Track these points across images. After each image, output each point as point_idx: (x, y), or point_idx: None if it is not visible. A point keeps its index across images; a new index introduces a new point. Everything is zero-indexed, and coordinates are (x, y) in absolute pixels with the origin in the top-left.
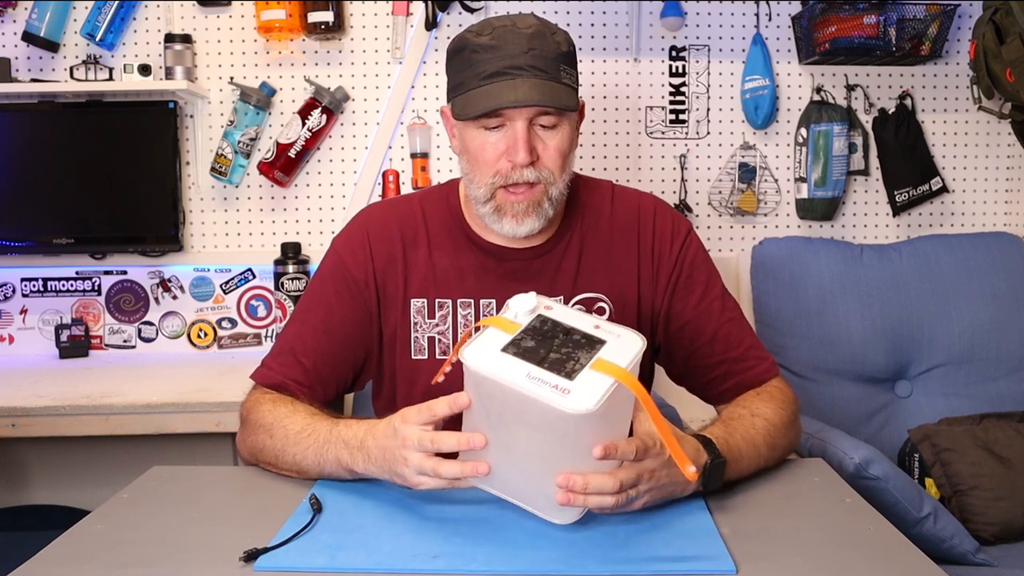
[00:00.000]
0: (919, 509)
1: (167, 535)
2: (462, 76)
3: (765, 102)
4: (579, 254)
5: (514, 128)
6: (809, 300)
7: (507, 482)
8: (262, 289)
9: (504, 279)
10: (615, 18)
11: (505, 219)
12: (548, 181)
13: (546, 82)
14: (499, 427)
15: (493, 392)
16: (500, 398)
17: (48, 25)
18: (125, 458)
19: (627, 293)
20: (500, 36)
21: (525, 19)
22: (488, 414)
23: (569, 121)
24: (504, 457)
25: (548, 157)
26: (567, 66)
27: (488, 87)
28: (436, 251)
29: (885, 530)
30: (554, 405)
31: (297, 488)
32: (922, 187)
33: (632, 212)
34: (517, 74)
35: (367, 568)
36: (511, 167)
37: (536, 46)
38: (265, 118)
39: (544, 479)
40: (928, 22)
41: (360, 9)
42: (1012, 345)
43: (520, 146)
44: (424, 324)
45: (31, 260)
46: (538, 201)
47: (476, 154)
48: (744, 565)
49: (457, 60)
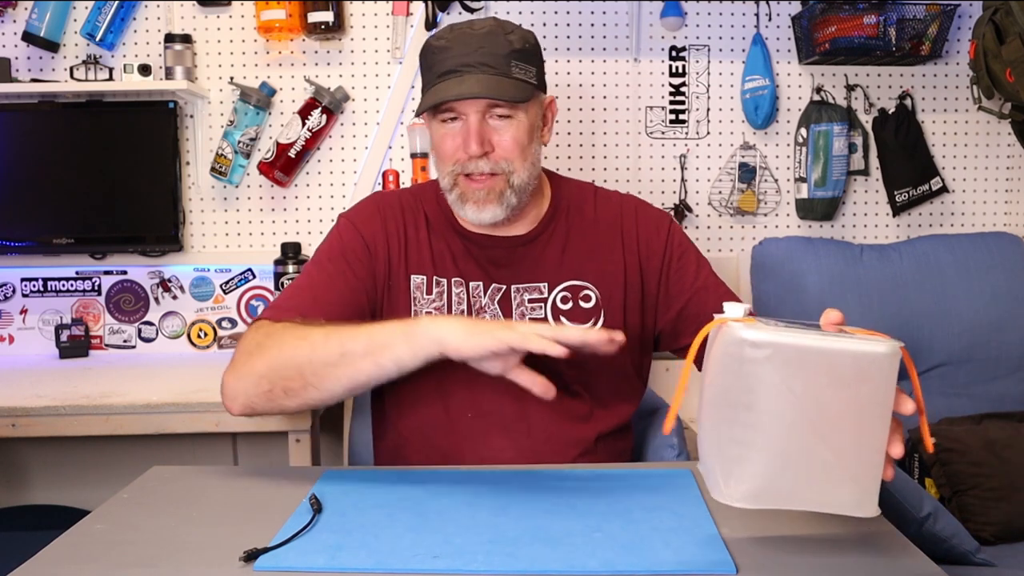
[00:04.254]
0: (919, 509)
1: (167, 535)
2: (425, 77)
3: (765, 102)
4: (563, 245)
5: (467, 122)
6: (809, 300)
7: (790, 488)
8: (262, 289)
9: (488, 264)
10: (615, 18)
11: (468, 205)
12: (507, 171)
13: (493, 77)
14: (783, 416)
15: (784, 367)
16: (798, 369)
17: (48, 25)
18: (125, 458)
19: (614, 283)
20: (455, 38)
21: (484, 21)
22: (762, 405)
23: (526, 113)
24: (792, 453)
25: (503, 148)
26: (520, 61)
27: (439, 84)
28: (433, 235)
29: (885, 530)
30: (868, 349)
31: (297, 488)
32: (922, 187)
33: (615, 210)
34: (465, 71)
35: (367, 568)
36: (467, 158)
37: (486, 44)
38: (265, 118)
39: (852, 460)
40: (928, 22)
41: (360, 9)
42: (1012, 345)
43: (471, 138)
44: (423, 299)
45: (31, 260)
46: (499, 190)
47: (437, 146)
48: (744, 565)
49: (422, 63)
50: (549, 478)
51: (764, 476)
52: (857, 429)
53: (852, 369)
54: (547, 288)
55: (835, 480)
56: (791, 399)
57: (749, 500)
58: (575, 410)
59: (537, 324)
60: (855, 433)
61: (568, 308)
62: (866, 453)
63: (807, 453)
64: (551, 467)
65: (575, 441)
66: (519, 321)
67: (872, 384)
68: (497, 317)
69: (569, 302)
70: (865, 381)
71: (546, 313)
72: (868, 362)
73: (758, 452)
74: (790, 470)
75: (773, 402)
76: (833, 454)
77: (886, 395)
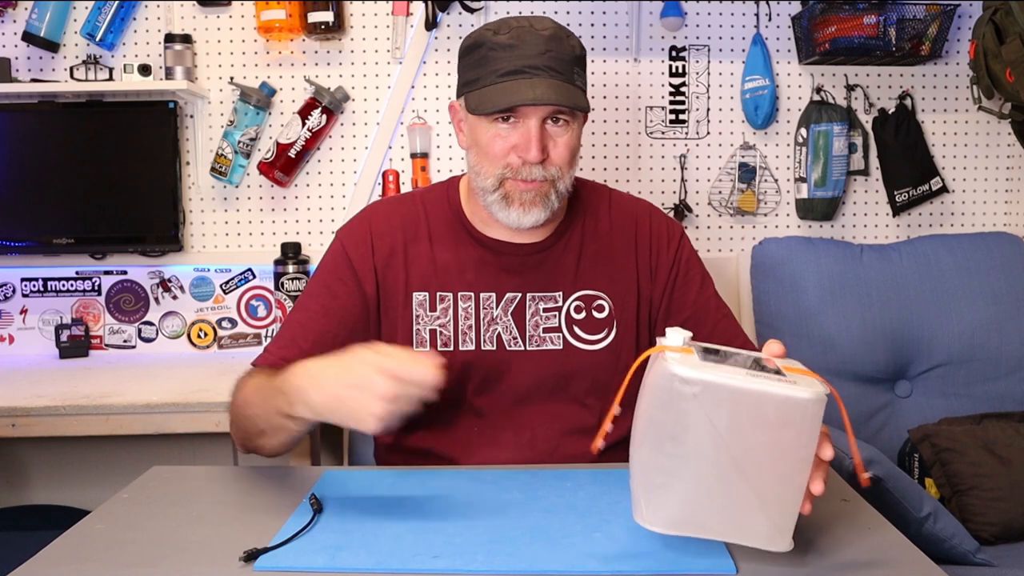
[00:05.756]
0: (919, 509)
1: (167, 535)
2: (478, 72)
3: (765, 102)
4: (579, 253)
5: (527, 125)
6: (809, 300)
7: (707, 518)
8: (262, 289)
9: (502, 272)
10: (615, 18)
11: (512, 207)
12: (556, 177)
13: (563, 84)
14: (707, 451)
15: (711, 405)
16: (724, 408)
17: (48, 25)
18: (125, 458)
19: (627, 293)
20: (519, 36)
21: (542, 21)
22: (689, 438)
23: (578, 122)
24: (712, 485)
25: (558, 155)
26: (580, 69)
27: (505, 84)
28: (437, 246)
29: (885, 530)
30: (793, 394)
31: (297, 488)
32: (922, 187)
33: (629, 216)
34: (534, 73)
35: (367, 568)
36: (521, 163)
37: (553, 48)
38: (265, 118)
39: (771, 497)
40: (928, 22)
41: (360, 9)
42: (1012, 345)
43: (533, 144)
44: (426, 317)
45: (31, 260)
46: (546, 193)
47: (486, 147)
48: (744, 565)
49: (473, 56)
50: (549, 478)
51: (683, 505)
52: (778, 469)
53: (777, 413)
54: (562, 297)
55: (752, 515)
56: (716, 435)
57: (667, 526)
58: (583, 422)
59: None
60: (776, 473)
61: (581, 318)
62: (786, 492)
63: (727, 488)
64: (551, 467)
65: (585, 452)
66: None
67: (795, 428)
68: (509, 329)
69: (582, 312)
70: (789, 425)
71: (560, 322)
72: (792, 407)
73: (680, 482)
74: (709, 502)
75: (699, 437)
76: (752, 491)
77: (809, 438)
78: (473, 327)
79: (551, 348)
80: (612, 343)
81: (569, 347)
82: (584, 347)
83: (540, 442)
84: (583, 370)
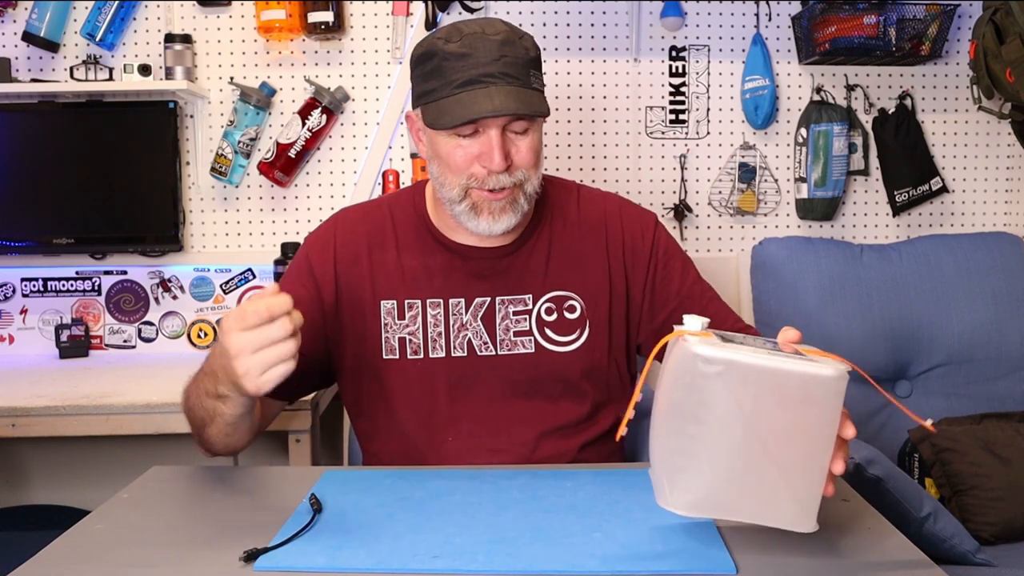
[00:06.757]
0: (919, 509)
1: (167, 535)
2: (432, 84)
3: (765, 102)
4: (547, 253)
5: (488, 135)
6: (809, 300)
7: (732, 499)
8: (262, 289)
9: (471, 278)
10: (615, 18)
11: (482, 217)
12: (523, 179)
13: (520, 89)
14: (731, 431)
15: (734, 384)
16: (748, 387)
17: (48, 25)
18: (125, 458)
19: (599, 291)
20: (471, 44)
21: (493, 25)
22: (712, 419)
23: (539, 123)
24: (736, 466)
25: (522, 158)
26: (535, 71)
27: (461, 95)
28: (404, 253)
29: (885, 530)
30: (816, 372)
31: (297, 488)
32: (922, 187)
33: (599, 212)
34: (491, 82)
35: (367, 568)
36: (486, 173)
37: (507, 53)
38: (265, 118)
39: (795, 477)
40: (928, 22)
41: (360, 9)
42: (1012, 345)
43: (496, 153)
44: (394, 325)
45: (31, 260)
46: (515, 199)
47: (448, 159)
48: (744, 565)
49: (426, 67)
50: (549, 478)
51: (707, 487)
52: (802, 448)
53: (800, 390)
54: (532, 300)
55: (777, 495)
56: (739, 415)
57: (691, 509)
58: (558, 422)
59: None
60: (799, 451)
61: (553, 319)
62: (809, 471)
63: (751, 468)
64: (551, 467)
65: (563, 452)
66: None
67: (818, 405)
68: (479, 335)
69: (554, 313)
70: (812, 402)
71: (531, 325)
72: (816, 384)
73: (704, 464)
74: (733, 483)
75: (722, 417)
76: (777, 470)
77: (832, 416)
78: (443, 334)
79: (523, 352)
80: (585, 343)
81: (541, 350)
82: (556, 349)
83: (517, 446)
84: (556, 372)
